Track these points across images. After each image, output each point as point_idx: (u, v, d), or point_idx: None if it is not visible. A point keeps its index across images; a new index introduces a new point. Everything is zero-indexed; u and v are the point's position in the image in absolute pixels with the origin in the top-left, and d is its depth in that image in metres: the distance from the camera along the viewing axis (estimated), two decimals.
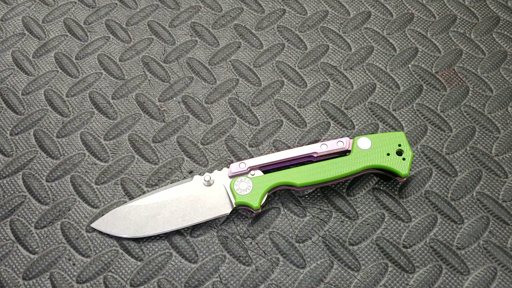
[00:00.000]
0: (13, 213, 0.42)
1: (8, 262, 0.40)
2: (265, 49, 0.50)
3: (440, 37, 0.51)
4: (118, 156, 0.45)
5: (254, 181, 0.41)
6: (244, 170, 0.41)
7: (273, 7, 0.53)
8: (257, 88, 0.48)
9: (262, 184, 0.40)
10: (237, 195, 0.40)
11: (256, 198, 0.40)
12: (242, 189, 0.40)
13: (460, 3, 0.53)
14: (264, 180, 0.41)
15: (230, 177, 0.41)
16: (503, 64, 0.49)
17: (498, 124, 0.46)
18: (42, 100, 0.48)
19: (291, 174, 0.41)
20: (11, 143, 0.46)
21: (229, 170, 0.41)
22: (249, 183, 0.41)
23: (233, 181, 0.41)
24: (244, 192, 0.40)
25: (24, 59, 0.50)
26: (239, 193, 0.40)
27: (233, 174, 0.41)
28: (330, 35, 0.51)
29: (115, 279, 0.40)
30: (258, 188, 0.40)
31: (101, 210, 0.42)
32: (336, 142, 0.41)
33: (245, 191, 0.40)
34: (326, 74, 0.49)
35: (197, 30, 0.52)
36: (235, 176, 0.41)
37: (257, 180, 0.41)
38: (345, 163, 0.41)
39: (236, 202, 0.40)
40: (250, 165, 0.41)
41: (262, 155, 0.42)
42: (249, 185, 0.40)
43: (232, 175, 0.41)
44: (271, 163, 0.41)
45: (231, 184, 0.41)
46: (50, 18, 0.53)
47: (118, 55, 0.50)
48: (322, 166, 0.41)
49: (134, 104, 0.48)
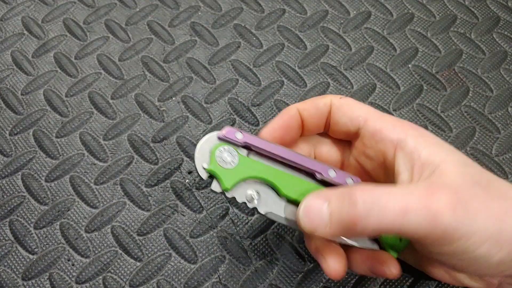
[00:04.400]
0: (12, 213, 0.42)
1: (7, 263, 0.40)
2: (265, 49, 0.50)
3: (441, 37, 0.51)
4: (117, 156, 0.45)
5: (241, 160, 0.33)
6: (237, 141, 0.34)
7: (273, 7, 0.53)
8: (256, 88, 0.48)
9: (247, 169, 0.33)
10: (213, 162, 0.33)
11: (232, 179, 0.33)
12: (224, 161, 0.33)
13: (460, 3, 0.53)
14: (253, 166, 0.33)
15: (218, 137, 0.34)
16: (503, 64, 0.49)
17: (498, 124, 0.46)
18: (41, 100, 0.48)
19: (282, 178, 0.34)
20: (10, 143, 0.46)
21: (221, 132, 0.34)
22: (234, 159, 0.33)
23: (218, 145, 0.33)
24: (224, 164, 0.33)
25: (23, 59, 0.50)
26: (218, 161, 0.33)
27: (223, 138, 0.34)
28: (330, 35, 0.51)
29: (114, 279, 0.40)
30: (240, 170, 0.33)
31: (100, 210, 0.42)
32: (346, 178, 0.34)
33: (226, 164, 0.33)
34: (326, 74, 0.49)
35: (197, 30, 0.52)
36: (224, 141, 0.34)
37: (245, 161, 0.33)
38: None
39: (209, 169, 0.33)
40: (247, 141, 0.34)
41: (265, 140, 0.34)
42: (234, 161, 0.33)
43: (222, 138, 0.34)
44: (270, 153, 0.34)
45: (214, 147, 0.33)
46: (49, 18, 0.53)
47: (117, 55, 0.50)
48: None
49: (134, 104, 0.47)
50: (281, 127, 0.35)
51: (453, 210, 0.28)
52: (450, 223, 0.28)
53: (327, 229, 0.30)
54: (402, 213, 0.28)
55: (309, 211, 0.31)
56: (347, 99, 0.35)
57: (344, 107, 0.35)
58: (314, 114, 0.35)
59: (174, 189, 0.43)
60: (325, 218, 0.30)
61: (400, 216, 0.28)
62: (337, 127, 0.35)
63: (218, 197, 0.43)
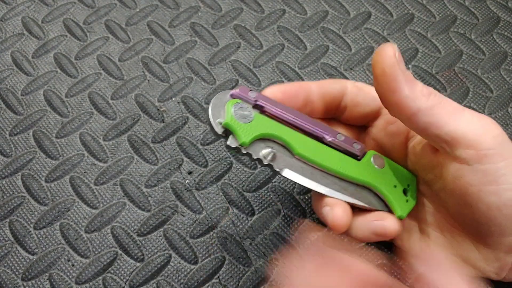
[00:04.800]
0: (12, 214, 0.42)
1: (7, 263, 0.40)
2: (265, 50, 0.50)
3: (441, 38, 0.51)
4: (117, 157, 0.45)
5: (256, 117, 0.33)
6: (250, 99, 0.33)
7: (273, 7, 0.53)
8: (256, 88, 0.48)
9: (263, 126, 0.33)
10: (230, 116, 0.32)
11: (249, 134, 0.32)
12: (240, 114, 0.32)
13: (460, 3, 0.53)
14: (268, 124, 0.33)
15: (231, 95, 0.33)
16: (503, 65, 0.49)
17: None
18: (41, 101, 0.48)
19: (296, 137, 0.34)
20: (10, 144, 0.46)
21: (235, 90, 0.33)
22: (251, 115, 0.33)
23: (233, 101, 0.33)
24: (240, 119, 0.32)
25: (23, 59, 0.50)
26: (234, 115, 0.32)
27: (237, 95, 0.33)
28: (330, 35, 0.51)
29: (114, 280, 0.40)
30: (257, 126, 0.33)
31: (100, 211, 0.42)
32: (353, 142, 0.35)
33: (242, 119, 0.32)
34: (326, 74, 0.49)
35: (197, 30, 0.52)
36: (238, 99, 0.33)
37: (260, 118, 0.33)
38: (352, 166, 0.35)
39: (225, 123, 0.32)
40: (261, 100, 0.33)
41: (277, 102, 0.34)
42: (250, 117, 0.33)
43: (236, 95, 0.33)
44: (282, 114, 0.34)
45: (229, 103, 0.33)
46: (49, 18, 0.53)
47: (117, 55, 0.50)
48: (330, 152, 0.35)
49: (134, 104, 0.47)
50: (285, 92, 0.35)
51: (500, 131, 0.31)
52: (498, 135, 0.31)
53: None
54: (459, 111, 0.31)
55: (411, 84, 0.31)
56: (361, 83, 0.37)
57: (364, 89, 0.36)
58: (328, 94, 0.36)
59: (174, 190, 0.43)
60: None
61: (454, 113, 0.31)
62: (357, 109, 0.36)
63: (218, 197, 0.43)
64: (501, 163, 0.30)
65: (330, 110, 0.37)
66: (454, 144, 0.30)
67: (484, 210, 0.31)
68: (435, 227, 0.36)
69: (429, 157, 0.34)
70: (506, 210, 0.31)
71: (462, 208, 0.33)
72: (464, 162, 0.31)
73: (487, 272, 0.35)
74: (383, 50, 0.31)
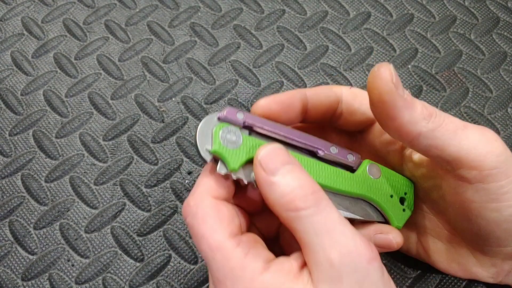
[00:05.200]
0: (12, 214, 0.42)
1: (7, 263, 0.40)
2: (264, 50, 0.50)
3: (440, 38, 0.51)
4: (117, 157, 0.45)
5: (245, 140, 0.32)
6: (238, 121, 0.32)
7: (272, 8, 0.53)
8: (256, 88, 0.48)
9: (252, 149, 0.31)
10: (217, 143, 0.31)
11: (239, 159, 0.31)
12: (228, 141, 0.31)
13: (460, 3, 0.53)
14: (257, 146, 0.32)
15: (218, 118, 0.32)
16: (503, 65, 0.49)
17: (498, 125, 0.46)
18: (41, 101, 0.48)
19: None
20: (10, 144, 0.46)
21: (221, 113, 0.32)
22: (239, 139, 0.31)
23: (220, 125, 0.31)
24: (228, 145, 0.31)
25: (23, 59, 0.50)
26: (222, 142, 0.31)
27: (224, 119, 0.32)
28: (329, 35, 0.51)
29: (114, 280, 0.40)
30: (246, 150, 0.31)
31: (100, 211, 0.42)
32: (348, 154, 0.34)
33: (231, 144, 0.31)
34: (325, 74, 0.49)
35: (197, 31, 0.52)
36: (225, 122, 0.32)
37: (249, 141, 0.32)
38: (346, 180, 0.34)
39: (213, 151, 0.31)
40: (249, 121, 0.32)
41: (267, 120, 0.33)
42: (238, 141, 0.31)
43: (223, 119, 0.32)
44: (272, 132, 0.33)
45: (216, 128, 0.31)
46: (49, 19, 0.53)
47: (117, 55, 0.50)
48: (324, 168, 0.34)
49: (133, 104, 0.47)
50: (280, 102, 0.33)
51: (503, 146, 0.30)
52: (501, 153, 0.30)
53: None
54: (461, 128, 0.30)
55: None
56: (356, 89, 0.36)
57: (359, 95, 0.35)
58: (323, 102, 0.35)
59: (174, 190, 0.43)
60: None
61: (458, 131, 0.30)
62: (353, 116, 0.35)
63: None
64: (504, 181, 0.29)
65: (326, 117, 0.36)
66: (457, 164, 0.30)
67: (483, 225, 0.31)
68: (432, 232, 0.36)
69: (428, 168, 0.34)
70: (506, 225, 0.30)
71: (460, 220, 0.32)
72: (466, 181, 0.30)
73: (483, 276, 0.35)
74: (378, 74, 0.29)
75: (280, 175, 0.29)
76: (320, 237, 0.27)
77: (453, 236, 0.35)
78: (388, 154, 0.36)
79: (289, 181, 0.28)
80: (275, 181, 0.28)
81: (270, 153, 0.29)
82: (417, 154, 0.34)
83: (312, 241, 0.27)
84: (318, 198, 0.28)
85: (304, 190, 0.28)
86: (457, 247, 0.35)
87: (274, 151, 0.30)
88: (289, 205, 0.28)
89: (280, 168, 0.29)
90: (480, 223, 0.31)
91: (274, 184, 0.28)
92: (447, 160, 0.30)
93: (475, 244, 0.34)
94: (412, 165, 0.35)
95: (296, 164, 0.29)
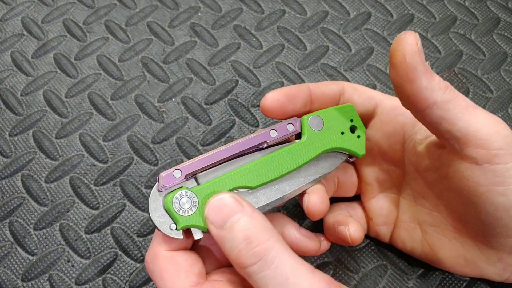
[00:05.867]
0: (12, 215, 0.42)
1: (7, 264, 0.40)
2: (264, 50, 0.50)
3: (441, 38, 0.51)
4: (117, 157, 0.45)
5: (199, 194, 0.31)
6: (180, 179, 0.31)
7: (272, 8, 0.53)
8: (256, 89, 0.48)
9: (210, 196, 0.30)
10: (179, 217, 0.30)
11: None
12: (185, 208, 0.30)
13: (460, 4, 0.53)
14: (211, 189, 0.31)
15: (160, 191, 0.31)
16: (503, 66, 0.49)
17: None
18: (41, 101, 0.48)
19: (241, 175, 0.32)
20: (10, 144, 0.46)
21: (159, 184, 0.31)
22: (193, 198, 0.30)
23: (168, 198, 0.30)
24: (188, 211, 0.30)
25: (23, 59, 0.50)
26: (182, 213, 0.30)
27: (166, 189, 0.31)
28: (330, 35, 0.51)
29: (114, 281, 0.40)
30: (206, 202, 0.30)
31: (100, 211, 0.42)
32: (286, 125, 0.34)
33: (190, 210, 0.30)
34: (326, 75, 0.49)
35: (197, 31, 0.52)
36: (169, 190, 0.31)
37: (203, 191, 0.31)
38: (301, 151, 0.34)
39: (180, 228, 0.30)
40: (188, 171, 0.31)
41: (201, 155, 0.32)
42: (194, 200, 0.30)
43: (166, 189, 0.31)
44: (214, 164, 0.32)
45: (167, 203, 0.30)
46: (49, 19, 0.53)
47: (117, 55, 0.50)
48: (277, 158, 0.33)
49: (133, 105, 0.47)
50: (286, 94, 0.35)
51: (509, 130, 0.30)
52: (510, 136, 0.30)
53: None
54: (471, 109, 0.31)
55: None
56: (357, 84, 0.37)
57: (360, 89, 0.37)
58: (326, 94, 0.36)
59: None
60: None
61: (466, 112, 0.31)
62: None
63: None
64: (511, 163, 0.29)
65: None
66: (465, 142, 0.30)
67: (491, 211, 0.31)
68: (436, 228, 0.36)
69: (434, 157, 0.34)
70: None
71: (467, 209, 0.32)
72: (474, 161, 0.30)
73: (489, 273, 0.35)
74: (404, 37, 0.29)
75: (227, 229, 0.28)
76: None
77: (458, 231, 0.35)
78: (389, 148, 0.37)
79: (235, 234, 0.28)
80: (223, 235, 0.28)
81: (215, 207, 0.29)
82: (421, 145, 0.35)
83: None
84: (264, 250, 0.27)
85: (249, 245, 0.28)
86: (463, 242, 0.35)
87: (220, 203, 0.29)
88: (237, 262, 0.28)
89: (227, 221, 0.29)
90: (488, 209, 0.31)
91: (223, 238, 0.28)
92: (456, 137, 0.30)
93: (482, 236, 0.33)
94: (415, 158, 0.35)
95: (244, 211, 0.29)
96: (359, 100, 0.36)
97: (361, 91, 0.37)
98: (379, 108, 0.36)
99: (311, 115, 0.35)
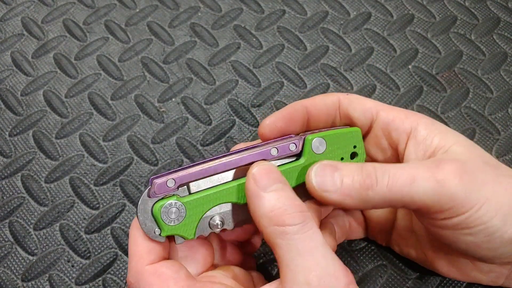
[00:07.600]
0: (12, 215, 0.42)
1: (7, 264, 0.40)
2: (264, 50, 0.50)
3: (441, 38, 0.51)
4: (117, 157, 0.45)
5: (187, 206, 0.31)
6: (172, 188, 0.31)
7: (273, 8, 0.53)
8: (256, 89, 0.48)
9: (198, 209, 0.31)
10: (165, 226, 0.31)
11: (191, 226, 0.31)
12: (172, 218, 0.31)
13: (460, 4, 0.53)
14: (201, 203, 0.31)
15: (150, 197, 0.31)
16: (503, 66, 0.49)
17: (498, 126, 0.45)
18: (41, 101, 0.48)
19: (233, 191, 0.32)
20: (10, 144, 0.46)
21: (150, 189, 0.31)
22: (181, 209, 0.31)
23: (158, 206, 0.31)
24: (174, 221, 0.31)
25: (23, 59, 0.50)
26: (168, 222, 0.30)
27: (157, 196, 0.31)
28: (330, 36, 0.51)
29: (114, 281, 0.40)
30: (193, 214, 0.31)
31: (100, 211, 0.42)
32: (289, 145, 0.33)
33: (176, 220, 0.31)
34: (326, 75, 0.49)
35: (197, 31, 0.52)
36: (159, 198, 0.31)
37: (192, 203, 0.31)
38: (296, 173, 0.33)
39: (165, 235, 0.31)
40: (182, 182, 0.31)
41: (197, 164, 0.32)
42: (182, 211, 0.31)
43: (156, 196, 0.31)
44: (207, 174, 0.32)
45: (155, 210, 0.30)
46: (49, 19, 0.53)
47: (117, 55, 0.50)
48: None
49: (133, 105, 0.47)
50: (283, 118, 0.35)
51: (459, 177, 0.29)
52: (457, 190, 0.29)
53: (335, 195, 0.30)
54: (410, 180, 0.29)
55: (323, 173, 0.31)
56: (353, 95, 0.36)
57: (355, 101, 0.36)
58: (321, 110, 0.36)
59: None
60: (336, 183, 0.30)
61: (408, 183, 0.29)
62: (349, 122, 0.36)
63: None
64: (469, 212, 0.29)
65: (327, 124, 0.36)
66: (417, 213, 0.31)
67: (464, 248, 0.31)
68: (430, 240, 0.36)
69: None
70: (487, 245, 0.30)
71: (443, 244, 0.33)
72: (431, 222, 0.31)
73: (483, 280, 0.35)
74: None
75: (271, 191, 0.29)
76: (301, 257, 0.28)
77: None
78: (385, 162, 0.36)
79: (279, 197, 0.29)
80: (265, 196, 0.29)
81: (263, 170, 0.30)
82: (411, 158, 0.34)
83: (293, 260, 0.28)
84: (305, 217, 0.29)
85: (293, 208, 0.29)
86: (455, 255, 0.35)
87: (268, 168, 0.31)
88: (277, 220, 0.29)
89: (272, 185, 0.30)
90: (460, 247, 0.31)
91: (264, 198, 0.29)
92: (414, 210, 0.31)
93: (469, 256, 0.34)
94: None
95: (287, 185, 0.30)
96: (354, 114, 0.35)
97: (356, 103, 0.35)
98: (375, 122, 0.35)
99: (316, 136, 0.34)
